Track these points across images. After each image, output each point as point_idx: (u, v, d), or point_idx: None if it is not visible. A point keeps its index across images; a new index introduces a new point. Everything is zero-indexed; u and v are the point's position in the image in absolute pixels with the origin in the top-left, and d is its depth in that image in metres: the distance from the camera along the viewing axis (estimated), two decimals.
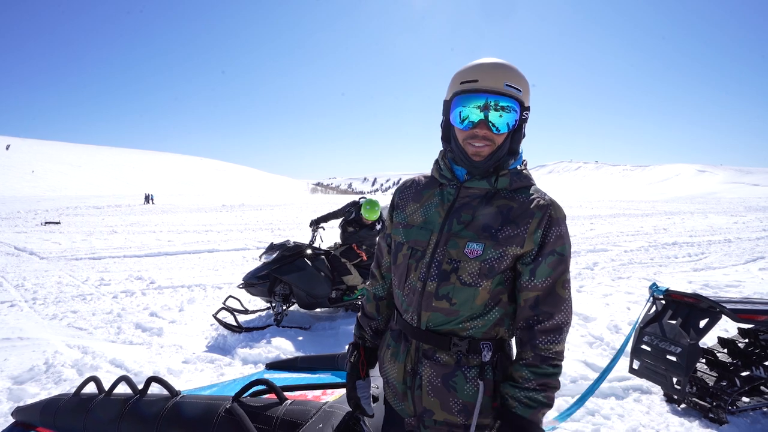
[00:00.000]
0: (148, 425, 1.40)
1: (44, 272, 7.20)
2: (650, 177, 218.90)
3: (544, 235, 1.08)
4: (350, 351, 1.35)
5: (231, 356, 3.78)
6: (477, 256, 1.07)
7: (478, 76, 1.07)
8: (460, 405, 1.10)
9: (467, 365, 1.10)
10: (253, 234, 13.39)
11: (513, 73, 1.08)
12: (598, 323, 4.51)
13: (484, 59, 1.10)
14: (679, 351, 2.71)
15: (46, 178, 76.61)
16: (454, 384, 1.10)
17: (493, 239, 1.08)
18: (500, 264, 1.07)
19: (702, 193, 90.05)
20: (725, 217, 20.14)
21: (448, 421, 1.11)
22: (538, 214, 1.08)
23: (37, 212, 21.30)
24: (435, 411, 1.12)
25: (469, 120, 1.08)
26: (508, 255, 1.08)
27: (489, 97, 1.05)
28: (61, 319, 4.77)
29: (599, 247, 10.16)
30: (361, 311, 1.40)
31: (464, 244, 1.09)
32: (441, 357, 1.11)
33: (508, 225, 1.08)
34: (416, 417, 1.16)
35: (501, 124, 1.07)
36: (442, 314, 1.11)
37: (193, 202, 37.24)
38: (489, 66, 1.08)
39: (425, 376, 1.12)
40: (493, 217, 1.10)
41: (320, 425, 1.27)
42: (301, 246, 4.88)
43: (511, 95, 1.06)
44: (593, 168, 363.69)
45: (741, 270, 7.63)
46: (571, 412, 2.56)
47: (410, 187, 1.28)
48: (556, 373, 1.08)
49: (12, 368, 3.44)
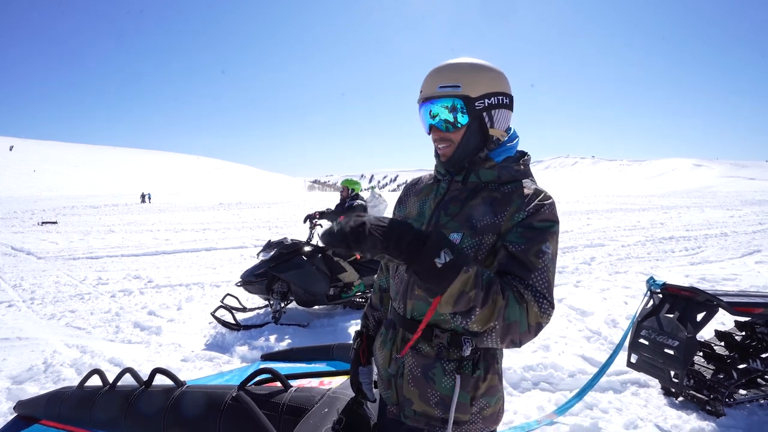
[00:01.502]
0: (155, 415, 1.42)
1: (42, 272, 7.18)
2: (647, 172, 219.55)
3: (524, 216, 1.04)
4: (354, 338, 1.39)
5: (229, 354, 3.78)
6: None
7: (423, 86, 1.15)
8: (437, 397, 1.10)
9: (447, 358, 1.10)
10: (251, 232, 13.37)
11: (448, 71, 1.12)
12: (596, 318, 4.53)
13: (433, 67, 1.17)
14: (676, 344, 2.73)
15: (43, 177, 76.30)
16: (432, 375, 1.10)
17: (471, 228, 1.09)
18: (477, 253, 1.07)
19: (698, 187, 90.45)
20: (721, 211, 20.24)
21: (426, 413, 1.11)
22: (518, 202, 1.07)
23: (34, 212, 21.20)
24: (414, 401, 1.13)
25: (426, 126, 1.17)
26: (484, 244, 1.07)
27: (429, 105, 1.13)
28: (60, 318, 4.76)
29: (596, 242, 10.19)
30: (369, 301, 1.45)
31: (447, 234, 1.10)
32: (422, 347, 1.12)
33: (487, 214, 1.09)
34: (398, 405, 1.17)
35: (441, 125, 1.13)
36: (423, 302, 1.13)
37: (190, 200, 37.14)
38: (429, 74, 1.15)
39: (407, 365, 1.14)
40: (476, 208, 1.11)
41: (325, 410, 1.31)
42: (298, 243, 4.88)
43: (446, 95, 1.10)
44: (590, 163, 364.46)
45: (737, 263, 7.67)
46: (569, 406, 2.58)
47: (415, 184, 1.34)
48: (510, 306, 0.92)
49: (11, 368, 3.44)
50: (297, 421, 1.29)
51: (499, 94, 1.12)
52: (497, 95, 1.12)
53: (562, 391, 3.09)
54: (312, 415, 1.29)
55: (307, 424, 1.26)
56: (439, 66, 1.15)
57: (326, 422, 1.25)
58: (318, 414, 1.29)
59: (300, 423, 1.27)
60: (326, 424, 1.24)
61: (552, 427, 2.57)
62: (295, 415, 1.32)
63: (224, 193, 61.54)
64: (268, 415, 1.32)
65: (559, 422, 2.60)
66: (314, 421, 1.26)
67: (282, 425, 1.32)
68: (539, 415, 2.64)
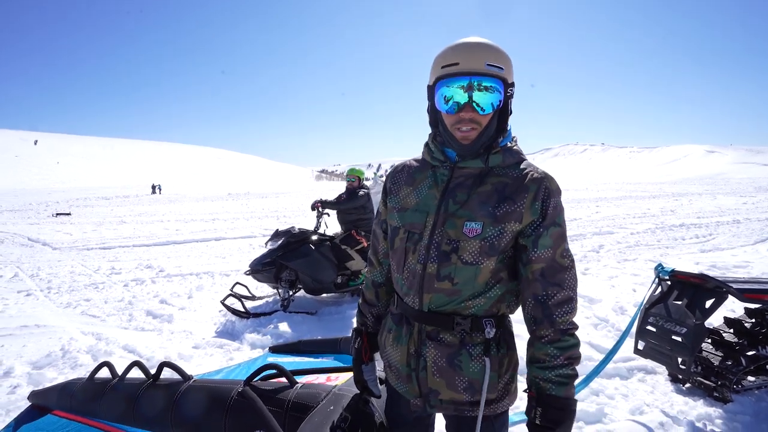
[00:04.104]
0: (162, 409, 1.42)
1: (57, 262, 7.34)
2: (658, 158, 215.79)
3: (543, 207, 1.08)
4: (353, 337, 1.36)
5: (239, 341, 3.85)
6: (477, 234, 1.08)
7: (459, 58, 1.05)
8: (466, 383, 1.11)
9: (471, 343, 1.11)
10: (259, 221, 13.48)
11: (494, 51, 1.06)
12: (604, 305, 4.52)
13: (462, 40, 1.09)
14: (684, 331, 2.72)
15: (56, 170, 77.46)
16: (459, 363, 1.11)
17: (491, 217, 1.08)
18: (500, 241, 1.08)
19: (710, 174, 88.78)
20: (734, 198, 19.87)
21: (454, 400, 1.13)
22: (533, 188, 1.08)
23: (49, 204, 21.55)
24: (441, 390, 1.13)
25: (453, 101, 1.07)
26: (507, 231, 1.08)
27: (472, 79, 1.04)
28: (75, 307, 4.88)
29: (605, 230, 10.10)
30: (362, 298, 1.41)
31: (462, 224, 1.09)
32: (445, 337, 1.12)
33: (504, 202, 1.08)
34: (422, 398, 1.17)
35: (486, 105, 1.06)
36: (444, 295, 1.11)
37: (200, 191, 37.43)
38: (469, 47, 1.06)
39: (429, 357, 1.13)
40: (488, 195, 1.10)
41: (331, 407, 1.30)
42: (306, 232, 4.92)
43: (493, 74, 1.05)
44: (599, 150, 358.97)
45: (750, 251, 7.56)
46: (575, 392, 2.59)
47: (402, 171, 1.26)
48: (577, 343, 1.09)
49: (30, 354, 3.54)
50: (302, 418, 1.28)
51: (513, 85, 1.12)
52: (513, 86, 1.12)
53: None
54: (317, 413, 1.28)
55: (312, 421, 1.25)
56: (477, 41, 1.07)
57: (332, 420, 1.25)
58: (323, 411, 1.28)
59: (305, 420, 1.26)
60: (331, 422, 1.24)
61: None
62: (301, 412, 1.31)
63: (233, 183, 61.87)
64: (274, 411, 1.32)
65: None
66: (319, 419, 1.25)
67: (287, 422, 1.31)
68: None
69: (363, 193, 5.16)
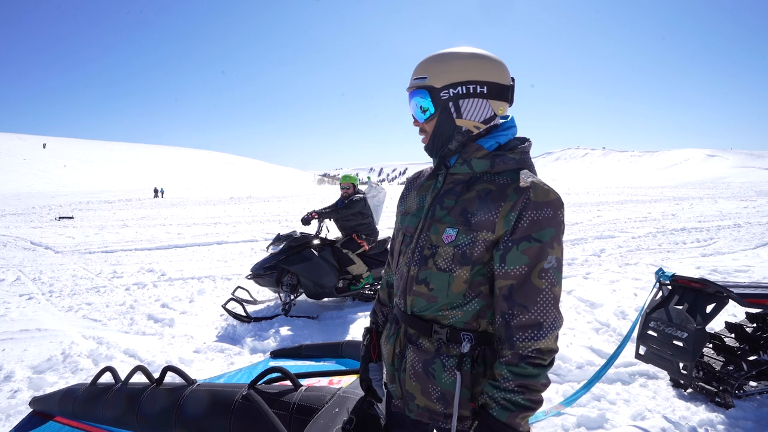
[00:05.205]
0: (166, 413, 1.42)
1: (59, 266, 7.36)
2: (659, 162, 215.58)
3: (517, 219, 1.01)
4: (364, 335, 1.38)
5: (240, 346, 3.86)
6: (451, 241, 1.07)
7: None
8: (438, 392, 1.10)
9: (447, 354, 1.09)
10: (261, 226, 13.50)
11: (421, 64, 1.15)
12: (605, 309, 4.52)
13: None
14: (685, 336, 2.72)
15: (62, 173, 77.71)
16: (432, 371, 1.10)
17: (466, 224, 1.06)
18: (472, 250, 1.05)
19: (711, 178, 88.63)
20: (735, 202, 19.84)
21: (428, 408, 1.12)
22: (513, 197, 1.02)
23: (52, 207, 21.64)
24: (416, 395, 1.13)
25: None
26: (479, 240, 1.05)
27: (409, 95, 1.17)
28: (77, 311, 4.89)
29: (606, 234, 10.08)
30: (377, 297, 1.44)
31: (443, 230, 1.09)
32: (423, 343, 1.12)
33: (481, 209, 1.05)
34: (402, 399, 1.18)
35: (417, 114, 1.16)
36: (423, 299, 1.12)
37: (202, 195, 37.51)
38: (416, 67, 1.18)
39: (409, 360, 1.14)
40: (471, 201, 1.08)
41: (336, 410, 1.31)
42: (307, 237, 4.93)
43: (417, 86, 1.13)
44: (600, 154, 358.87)
45: (750, 255, 7.54)
46: (576, 397, 2.59)
47: (416, 178, 1.31)
48: (538, 374, 0.99)
49: (31, 358, 3.55)
50: (307, 421, 1.29)
51: (470, 83, 1.07)
52: (467, 84, 1.08)
53: (569, 382, 3.10)
54: (322, 415, 1.29)
55: (317, 423, 1.25)
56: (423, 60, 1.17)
57: (337, 422, 1.25)
58: (328, 414, 1.29)
59: (311, 423, 1.27)
60: (337, 424, 1.24)
61: (559, 418, 2.58)
62: (306, 415, 1.32)
63: (235, 187, 62.00)
64: (279, 414, 1.32)
65: (567, 413, 2.61)
66: (324, 421, 1.26)
67: (292, 425, 1.31)
68: (546, 407, 2.65)
69: (359, 197, 5.17)
